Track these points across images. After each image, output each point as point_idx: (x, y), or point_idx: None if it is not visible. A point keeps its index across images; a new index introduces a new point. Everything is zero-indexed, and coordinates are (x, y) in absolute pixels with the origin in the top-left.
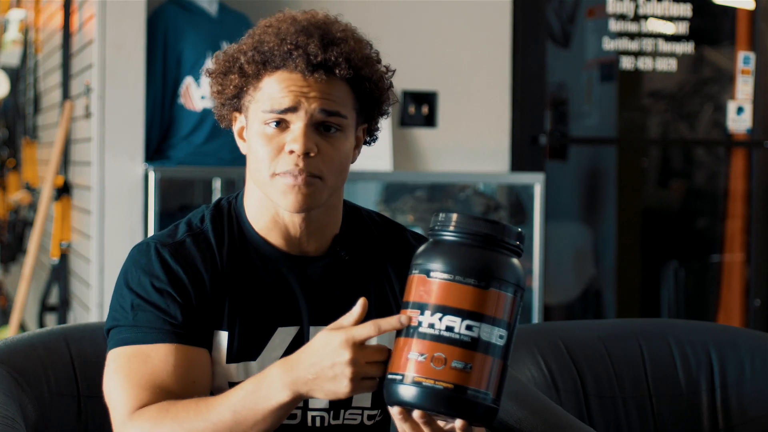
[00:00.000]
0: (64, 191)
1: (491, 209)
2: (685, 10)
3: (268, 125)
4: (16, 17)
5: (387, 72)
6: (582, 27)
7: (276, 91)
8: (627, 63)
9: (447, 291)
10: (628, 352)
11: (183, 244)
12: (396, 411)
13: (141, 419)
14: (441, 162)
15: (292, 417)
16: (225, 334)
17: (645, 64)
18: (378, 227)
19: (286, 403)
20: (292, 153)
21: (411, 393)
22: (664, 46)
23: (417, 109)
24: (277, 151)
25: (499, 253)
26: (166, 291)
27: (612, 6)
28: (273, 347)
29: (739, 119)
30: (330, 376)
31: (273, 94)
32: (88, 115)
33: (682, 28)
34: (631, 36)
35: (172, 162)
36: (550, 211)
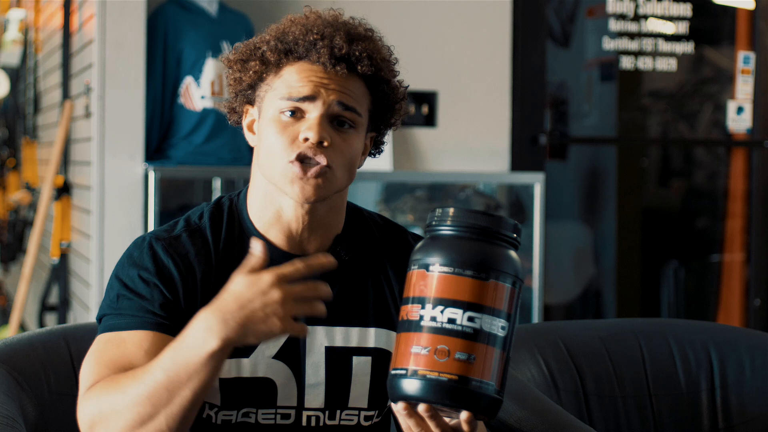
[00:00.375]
0: (64, 191)
1: (491, 209)
2: (685, 9)
3: (283, 114)
4: (16, 17)
5: (400, 86)
6: (582, 27)
7: (295, 80)
8: (627, 63)
9: (447, 284)
10: (628, 351)
11: (178, 238)
12: (401, 406)
13: (92, 391)
14: (441, 162)
15: (286, 417)
16: None
17: (645, 63)
18: (379, 228)
19: (215, 352)
20: (306, 141)
21: (416, 386)
22: (664, 45)
23: (417, 109)
24: (292, 140)
25: (497, 245)
26: (152, 282)
27: (612, 6)
28: (267, 345)
29: (739, 119)
30: (261, 317)
31: (292, 82)
32: (88, 115)
33: (682, 27)
34: (631, 36)
35: (172, 162)
36: (550, 211)
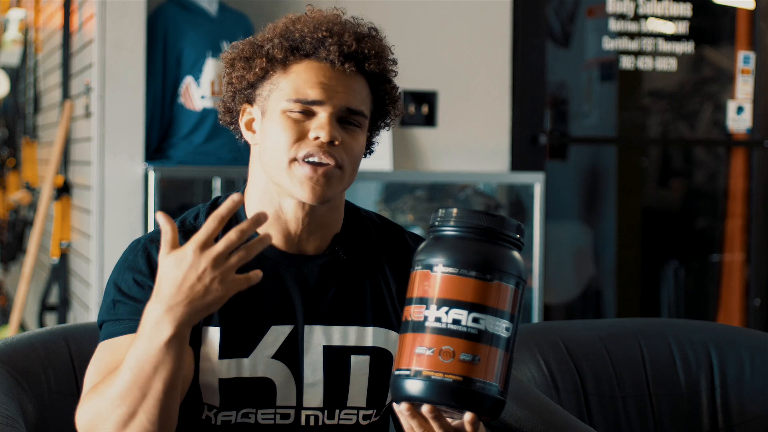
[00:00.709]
0: (64, 191)
1: (491, 209)
2: (685, 9)
3: (292, 112)
4: (16, 17)
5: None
6: (582, 26)
7: (303, 81)
8: (627, 62)
9: (451, 284)
10: (628, 351)
11: None
12: (404, 407)
13: (84, 399)
14: (441, 161)
15: (285, 417)
16: (217, 330)
17: (645, 63)
18: (376, 227)
19: (171, 339)
20: (317, 140)
21: (420, 387)
22: (664, 45)
23: (417, 109)
24: (300, 137)
25: (500, 246)
26: (147, 285)
27: (612, 5)
28: (266, 345)
29: (739, 119)
30: (201, 291)
31: (300, 83)
32: (88, 115)
33: (682, 27)
34: (631, 35)
35: (172, 161)
36: (550, 211)
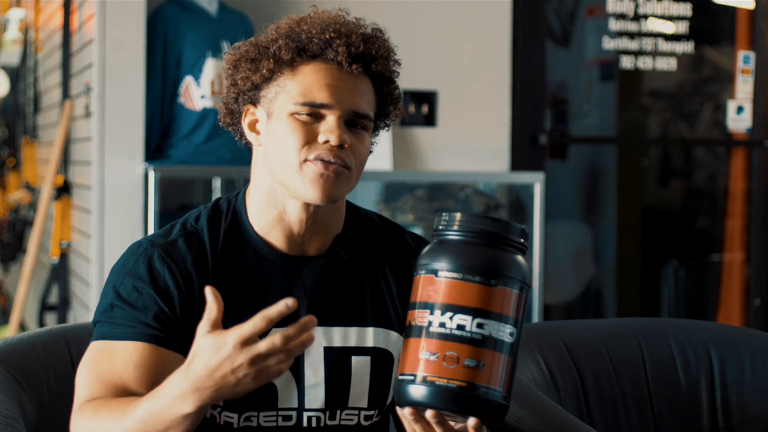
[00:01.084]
0: (64, 190)
1: (491, 209)
2: (685, 9)
3: (300, 115)
4: (16, 17)
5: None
6: (582, 26)
7: (311, 83)
8: (627, 62)
9: (455, 290)
10: (628, 351)
11: (174, 244)
12: (408, 412)
13: (82, 411)
14: (441, 161)
15: (287, 419)
16: None
17: (645, 63)
18: (377, 227)
19: (192, 413)
20: (326, 143)
21: (424, 393)
22: (664, 45)
23: (417, 109)
24: (309, 140)
25: (505, 251)
26: (146, 291)
27: (612, 5)
28: None
29: (739, 118)
30: (232, 382)
31: (308, 86)
32: (88, 115)
33: (682, 27)
34: (631, 35)
35: (172, 161)
36: (550, 211)
